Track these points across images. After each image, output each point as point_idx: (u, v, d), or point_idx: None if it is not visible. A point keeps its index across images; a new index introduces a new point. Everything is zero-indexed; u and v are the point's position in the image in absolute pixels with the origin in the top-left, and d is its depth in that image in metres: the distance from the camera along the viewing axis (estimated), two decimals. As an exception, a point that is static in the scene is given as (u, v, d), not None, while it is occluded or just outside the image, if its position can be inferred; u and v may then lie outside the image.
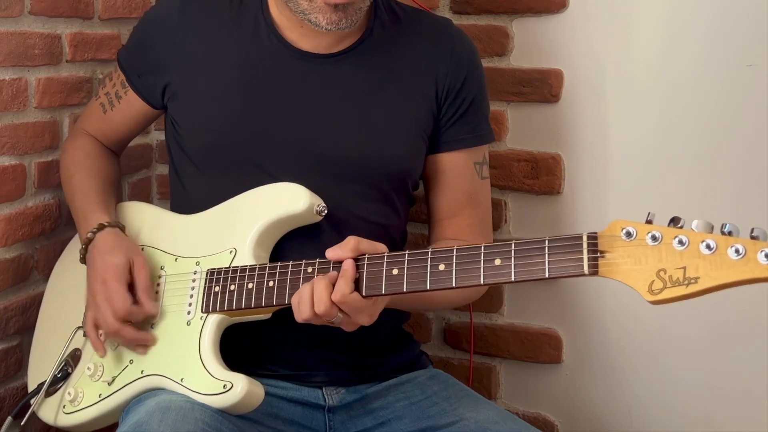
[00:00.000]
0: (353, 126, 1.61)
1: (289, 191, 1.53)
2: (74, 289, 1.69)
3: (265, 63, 1.62)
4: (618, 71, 1.86)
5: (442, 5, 1.98)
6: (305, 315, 1.38)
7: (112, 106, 1.76)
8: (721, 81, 1.79)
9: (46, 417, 1.64)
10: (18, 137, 1.76)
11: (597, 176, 1.90)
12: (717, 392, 1.86)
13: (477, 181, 1.70)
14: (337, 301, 1.35)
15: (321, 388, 1.61)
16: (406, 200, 1.70)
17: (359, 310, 1.38)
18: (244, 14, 1.66)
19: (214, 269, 1.53)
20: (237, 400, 1.43)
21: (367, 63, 1.63)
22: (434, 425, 1.56)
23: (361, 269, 1.37)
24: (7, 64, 1.72)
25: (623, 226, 1.18)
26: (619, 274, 1.18)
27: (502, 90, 1.94)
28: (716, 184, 1.81)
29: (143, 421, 1.38)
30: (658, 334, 1.88)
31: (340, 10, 1.52)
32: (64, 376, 1.63)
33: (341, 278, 1.36)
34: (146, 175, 2.16)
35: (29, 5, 1.76)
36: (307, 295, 1.37)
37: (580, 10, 1.88)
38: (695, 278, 1.13)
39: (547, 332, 1.98)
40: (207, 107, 1.63)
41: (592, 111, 1.89)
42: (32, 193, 1.81)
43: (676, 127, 1.84)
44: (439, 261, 1.32)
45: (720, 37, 1.79)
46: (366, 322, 1.40)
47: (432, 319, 2.08)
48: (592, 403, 1.95)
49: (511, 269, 1.26)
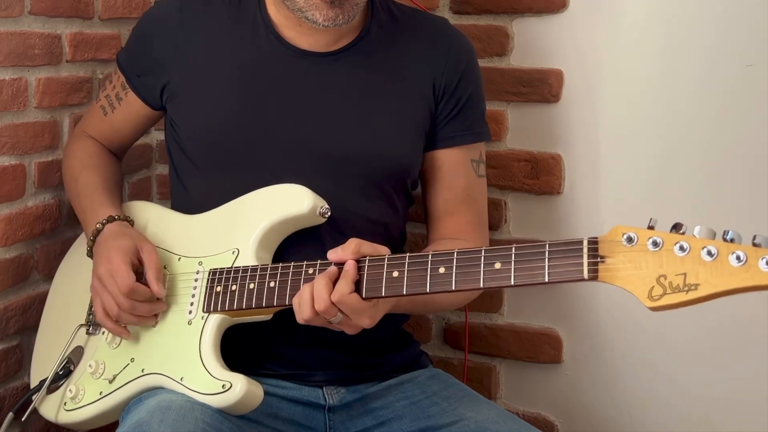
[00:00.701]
0: (352, 124, 1.61)
1: (293, 193, 1.53)
2: (78, 288, 1.69)
3: (264, 62, 1.63)
4: (618, 71, 1.86)
5: (442, 5, 1.98)
6: (306, 315, 1.38)
7: (113, 109, 1.76)
8: (721, 81, 1.79)
9: (48, 414, 1.64)
10: (18, 137, 1.76)
11: (597, 176, 1.90)
12: (716, 392, 1.86)
13: (474, 178, 1.70)
14: (336, 301, 1.36)
15: (321, 388, 1.61)
16: (406, 199, 1.70)
17: (359, 311, 1.37)
18: (242, 14, 1.66)
19: (216, 269, 1.53)
20: (236, 400, 1.43)
21: (365, 62, 1.64)
22: (434, 425, 1.56)
23: (362, 271, 1.37)
24: (7, 64, 1.72)
25: (624, 231, 1.17)
26: (619, 279, 1.17)
27: (502, 90, 1.94)
28: (716, 185, 1.81)
29: (144, 420, 1.38)
30: (658, 334, 1.88)
31: (336, 6, 1.53)
32: (65, 374, 1.63)
33: (342, 279, 1.36)
34: (146, 175, 2.16)
35: (29, 5, 1.76)
36: (308, 295, 1.38)
37: (580, 10, 1.88)
38: (695, 285, 1.12)
39: (547, 332, 1.98)
40: (206, 108, 1.63)
41: (592, 111, 1.89)
42: (32, 193, 1.80)
43: (676, 127, 1.84)
44: (440, 264, 1.32)
45: (720, 37, 1.79)
46: (367, 324, 1.40)
47: (432, 319, 2.08)
48: (592, 403, 1.95)
49: (511, 273, 1.26)
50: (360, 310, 1.37)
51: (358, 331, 1.41)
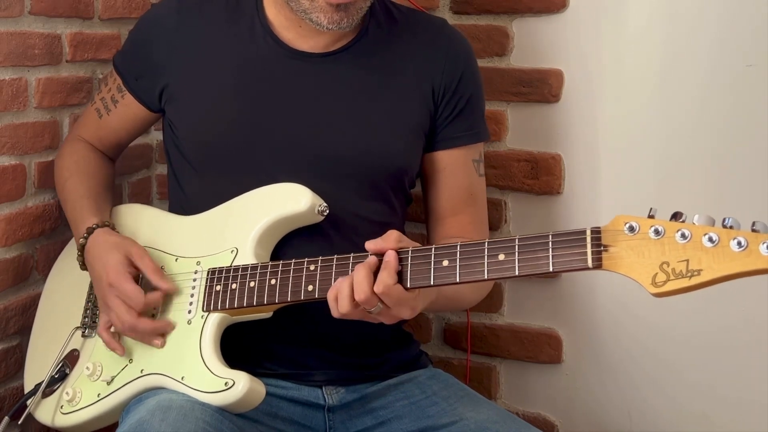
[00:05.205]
0: (350, 125, 1.61)
1: (291, 191, 1.53)
2: (71, 291, 1.69)
3: (262, 64, 1.63)
4: (618, 71, 1.87)
5: (441, 5, 1.98)
6: (345, 308, 1.36)
7: (108, 111, 1.76)
8: (721, 81, 1.80)
9: (43, 418, 1.64)
10: (18, 137, 1.76)
11: (597, 176, 1.90)
12: (716, 393, 1.86)
13: (476, 178, 1.71)
14: (380, 292, 1.34)
15: (321, 388, 1.61)
16: (404, 198, 1.70)
17: (401, 302, 1.36)
18: (239, 16, 1.66)
19: (215, 268, 1.53)
20: (239, 397, 1.42)
21: (363, 62, 1.64)
22: (434, 425, 1.56)
23: (405, 261, 1.36)
24: (7, 64, 1.72)
25: (626, 220, 1.19)
26: (623, 267, 1.19)
27: (502, 90, 1.94)
28: (717, 184, 1.81)
29: (144, 420, 1.38)
30: (658, 334, 1.88)
31: (341, 10, 1.53)
32: (61, 377, 1.63)
33: (384, 269, 1.34)
34: (146, 176, 2.16)
35: (29, 5, 1.76)
36: (347, 287, 1.36)
37: (581, 10, 1.88)
38: (698, 270, 1.14)
39: (547, 332, 1.98)
40: (203, 109, 1.63)
41: (592, 111, 1.89)
42: (32, 193, 1.81)
43: (676, 127, 1.84)
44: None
45: (720, 37, 1.79)
46: (407, 315, 1.39)
47: (432, 319, 2.08)
48: (592, 403, 1.95)
49: (515, 264, 1.28)
50: (403, 300, 1.36)
51: (395, 321, 1.40)
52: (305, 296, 1.44)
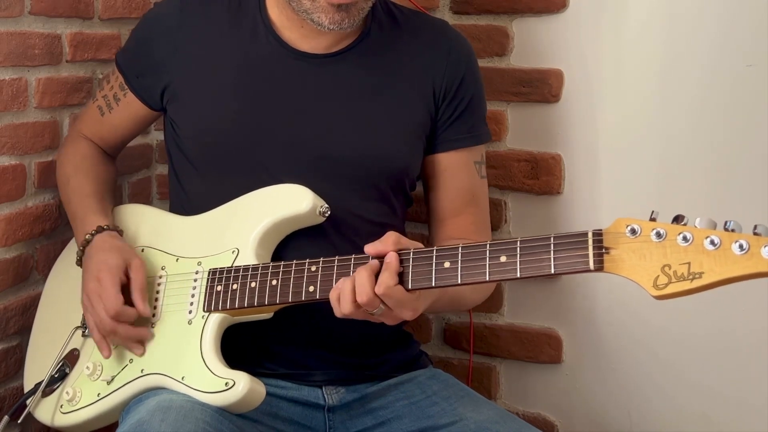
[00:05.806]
0: (351, 126, 1.61)
1: (293, 192, 1.53)
2: (71, 291, 1.69)
3: (264, 64, 1.63)
4: (618, 71, 1.86)
5: (441, 5, 1.98)
6: (347, 309, 1.37)
7: (110, 109, 1.76)
8: (721, 81, 1.80)
9: (43, 417, 1.64)
10: (18, 137, 1.76)
11: (597, 176, 1.90)
12: (717, 393, 1.86)
13: (477, 179, 1.71)
14: (381, 293, 1.34)
15: (321, 388, 1.61)
16: (404, 200, 1.70)
17: (402, 303, 1.37)
18: (242, 16, 1.66)
19: (216, 269, 1.53)
20: (239, 397, 1.43)
21: (365, 63, 1.64)
22: (434, 425, 1.56)
23: (406, 263, 1.36)
24: (7, 64, 1.72)
25: (628, 223, 1.20)
26: (624, 269, 1.20)
27: (502, 90, 1.94)
28: (717, 184, 1.81)
29: (144, 420, 1.38)
30: (658, 334, 1.88)
31: (343, 10, 1.53)
32: (61, 377, 1.63)
33: (385, 271, 1.35)
34: (146, 176, 2.16)
35: (29, 5, 1.75)
36: (349, 288, 1.36)
37: (580, 10, 1.88)
38: (700, 273, 1.15)
39: (547, 332, 1.98)
40: (205, 109, 1.63)
41: (593, 111, 1.89)
42: (32, 193, 1.80)
43: (676, 128, 1.84)
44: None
45: (720, 37, 1.79)
46: (409, 316, 1.40)
47: (432, 319, 2.08)
48: (592, 403, 1.95)
49: (516, 266, 1.28)
50: (404, 301, 1.37)
51: (398, 322, 1.41)
52: (306, 297, 1.44)
